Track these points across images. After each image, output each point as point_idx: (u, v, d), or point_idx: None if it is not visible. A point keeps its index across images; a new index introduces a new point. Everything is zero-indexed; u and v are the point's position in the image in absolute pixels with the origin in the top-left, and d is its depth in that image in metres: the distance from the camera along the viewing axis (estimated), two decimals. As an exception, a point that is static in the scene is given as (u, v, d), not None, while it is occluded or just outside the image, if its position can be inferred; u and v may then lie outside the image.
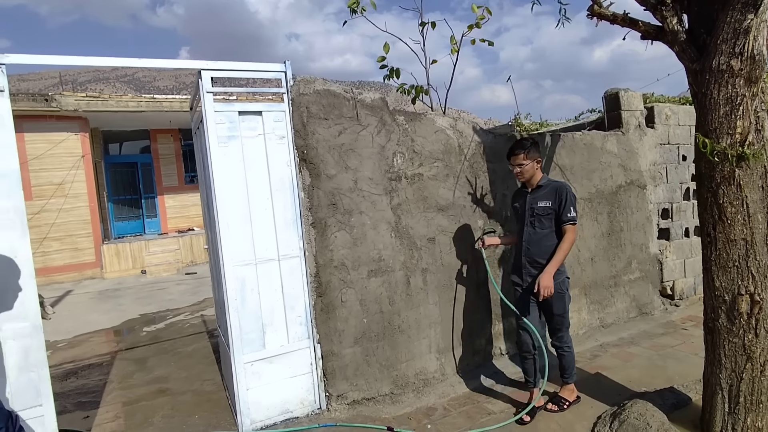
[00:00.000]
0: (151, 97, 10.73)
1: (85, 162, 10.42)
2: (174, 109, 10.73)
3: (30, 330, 2.45)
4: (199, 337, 5.38)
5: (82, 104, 9.92)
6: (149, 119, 11.46)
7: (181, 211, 13.14)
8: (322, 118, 3.13)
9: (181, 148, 13.10)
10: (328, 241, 3.15)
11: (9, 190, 2.40)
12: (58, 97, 9.66)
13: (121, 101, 10.45)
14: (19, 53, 2.45)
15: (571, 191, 2.95)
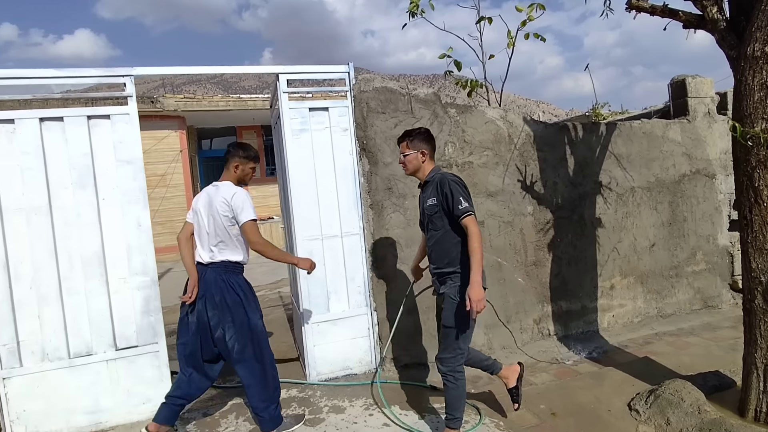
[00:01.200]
0: (238, 96, 11.84)
1: (183, 156, 11.78)
2: (257, 107, 11.75)
3: (149, 283, 3.13)
4: (276, 309, 6.08)
5: (181, 105, 11.25)
6: (236, 117, 12.63)
7: (262, 200, 14.31)
8: (380, 112, 3.53)
9: (263, 143, 14.24)
10: (385, 221, 3.55)
11: (135, 173, 3.09)
12: (161, 99, 11.04)
13: (213, 101, 11.67)
14: (129, 60, 3.13)
15: (453, 180, 2.44)
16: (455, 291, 2.45)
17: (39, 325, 2.93)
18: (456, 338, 2.45)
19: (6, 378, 2.87)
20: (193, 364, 2.74)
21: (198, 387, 2.77)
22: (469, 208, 2.38)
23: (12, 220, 2.88)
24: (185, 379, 2.76)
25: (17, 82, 2.88)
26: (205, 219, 2.73)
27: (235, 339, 2.66)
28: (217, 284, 2.67)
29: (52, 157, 2.94)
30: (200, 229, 2.76)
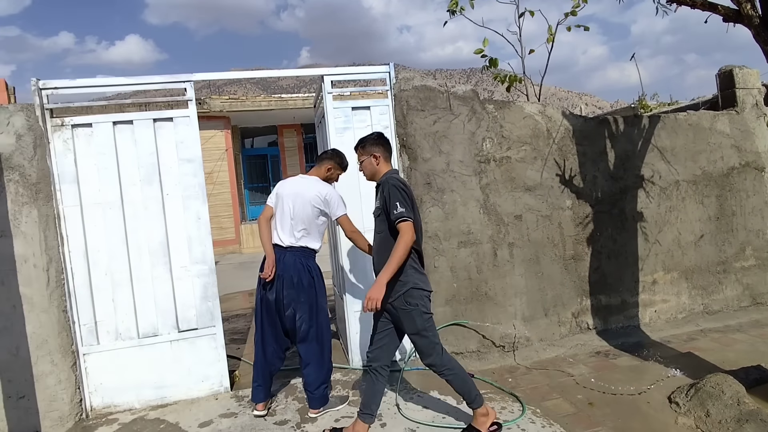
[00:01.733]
0: (279, 96, 12.24)
1: (228, 155, 12.33)
2: (297, 106, 12.12)
3: (208, 271, 3.41)
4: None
5: (226, 105, 11.77)
6: (277, 116, 13.07)
7: (302, 197, 14.74)
8: (419, 109, 3.67)
9: (303, 140, 14.65)
10: (424, 214, 3.69)
11: (195, 171, 3.37)
12: (208, 101, 11.59)
13: (255, 101, 12.13)
14: (175, 63, 3.42)
15: (394, 183, 2.42)
16: (402, 301, 2.46)
17: (113, 308, 3.26)
18: (427, 338, 2.50)
19: (86, 354, 3.22)
20: (274, 336, 3.00)
21: (278, 357, 3.07)
22: (404, 213, 2.34)
23: (90, 213, 3.22)
24: (261, 355, 3.02)
25: (95, 90, 3.21)
26: (291, 206, 2.94)
27: (303, 319, 2.92)
28: (296, 266, 2.91)
29: (123, 156, 3.26)
30: (283, 215, 2.96)
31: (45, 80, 3.12)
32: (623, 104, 15.78)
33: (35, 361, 3.08)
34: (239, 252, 12.42)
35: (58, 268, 3.12)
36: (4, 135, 3.02)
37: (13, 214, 3.03)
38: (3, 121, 3.02)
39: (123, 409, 3.28)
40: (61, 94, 3.17)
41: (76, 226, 3.19)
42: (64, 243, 3.15)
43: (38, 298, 3.08)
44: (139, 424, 3.10)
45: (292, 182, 3.06)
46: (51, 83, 3.14)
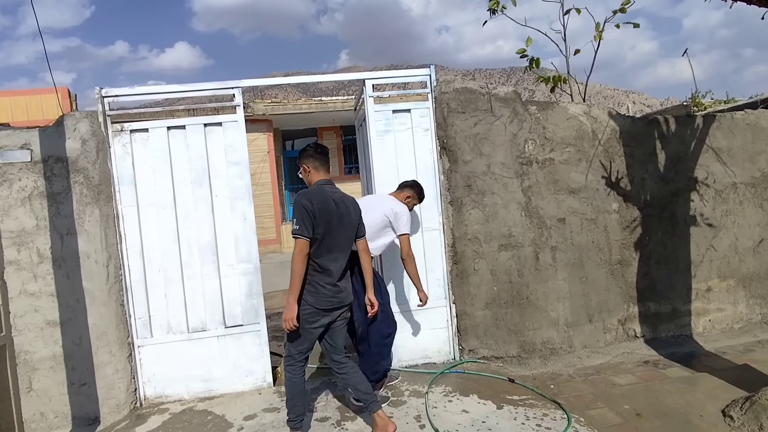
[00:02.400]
0: (319, 99, 12.47)
1: (270, 157, 12.68)
2: (337, 108, 12.30)
3: (252, 270, 3.53)
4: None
5: (268, 109, 12.11)
6: (317, 118, 13.31)
7: (340, 198, 14.93)
8: (460, 111, 3.66)
9: (342, 142, 14.85)
10: (464, 217, 3.68)
11: (242, 173, 3.50)
12: (251, 105, 11.97)
13: (296, 104, 12.41)
14: (221, 69, 3.55)
15: (298, 199, 2.53)
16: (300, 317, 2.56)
17: (165, 303, 3.44)
18: (290, 341, 2.67)
19: (140, 346, 3.41)
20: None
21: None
22: (297, 231, 2.47)
23: (146, 213, 3.41)
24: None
25: (151, 97, 3.40)
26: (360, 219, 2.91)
27: (360, 320, 3.06)
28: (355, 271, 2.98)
29: (176, 159, 3.44)
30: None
31: (107, 88, 3.34)
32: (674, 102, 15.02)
33: (95, 351, 3.29)
34: (280, 251, 12.74)
35: (117, 264, 3.33)
36: (71, 140, 3.25)
37: (78, 214, 3.26)
38: (70, 127, 3.25)
39: (173, 400, 3.45)
40: (119, 101, 3.38)
41: (132, 225, 3.39)
42: (122, 241, 3.36)
43: (99, 292, 3.29)
44: (188, 415, 3.25)
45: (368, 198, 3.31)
46: (112, 91, 3.35)
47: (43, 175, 3.22)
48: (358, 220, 2.77)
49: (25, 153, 3.20)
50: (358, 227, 2.77)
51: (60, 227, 3.24)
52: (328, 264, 2.56)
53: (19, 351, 3.22)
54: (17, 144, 3.20)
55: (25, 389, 3.23)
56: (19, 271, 3.21)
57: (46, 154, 3.22)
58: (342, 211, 2.63)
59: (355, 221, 2.72)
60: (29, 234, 3.22)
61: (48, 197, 3.23)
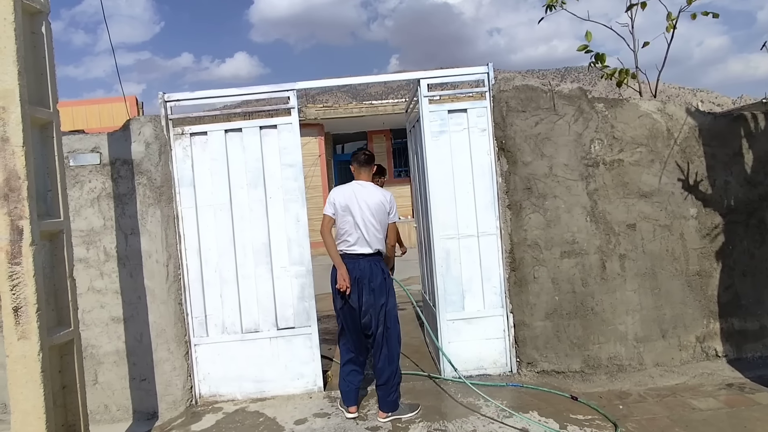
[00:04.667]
0: (369, 103, 12.53)
1: (321, 160, 12.87)
2: (387, 112, 12.29)
3: (305, 272, 3.52)
4: (404, 305, 6.31)
5: (320, 113, 12.30)
6: (367, 122, 13.38)
7: (389, 201, 14.89)
8: (520, 110, 3.47)
9: (392, 146, 14.83)
10: (523, 221, 3.48)
11: (296, 175, 3.50)
12: (304, 109, 12.21)
13: (347, 108, 12.53)
14: (277, 76, 3.55)
15: None
16: None
17: (221, 303, 3.49)
18: None
19: (196, 345, 3.48)
20: (359, 343, 3.11)
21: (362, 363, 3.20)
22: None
23: (203, 214, 3.48)
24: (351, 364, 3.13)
25: (210, 101, 3.48)
26: (366, 213, 3.03)
27: (377, 323, 3.03)
28: (371, 269, 3.03)
29: (232, 162, 3.49)
30: (356, 223, 3.04)
31: (169, 93, 3.45)
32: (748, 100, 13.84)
33: (155, 348, 3.39)
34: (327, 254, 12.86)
35: (176, 264, 3.42)
36: (136, 143, 3.38)
37: (141, 214, 3.37)
38: (135, 131, 3.38)
39: (226, 399, 3.49)
40: (180, 106, 3.48)
41: (191, 226, 3.47)
42: (181, 241, 3.44)
43: (159, 290, 3.39)
44: (241, 415, 3.27)
45: (353, 190, 3.11)
46: (174, 96, 3.46)
47: (111, 177, 3.37)
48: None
49: (95, 156, 3.36)
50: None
51: (125, 227, 3.38)
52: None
53: (86, 345, 3.37)
54: (88, 147, 3.37)
55: (90, 382, 3.37)
56: (88, 268, 3.37)
57: (113, 157, 3.37)
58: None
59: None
60: (97, 233, 3.37)
61: (114, 198, 3.37)
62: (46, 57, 2.55)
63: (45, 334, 2.35)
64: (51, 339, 2.42)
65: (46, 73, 2.55)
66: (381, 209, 3.06)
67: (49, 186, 2.55)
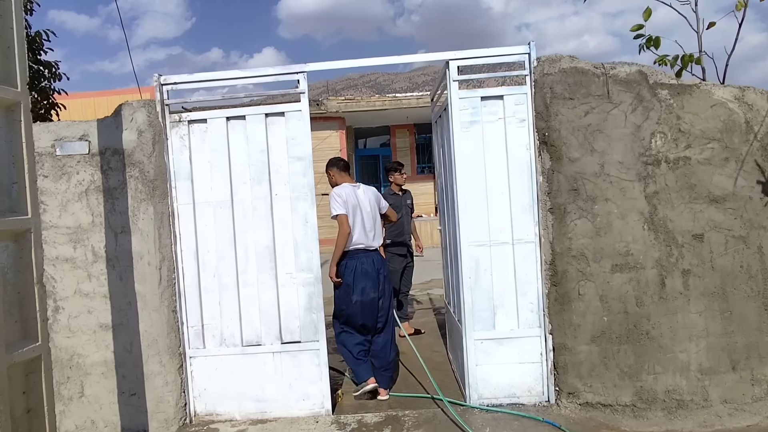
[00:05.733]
0: (393, 96, 12.07)
1: (342, 155, 12.47)
2: (411, 105, 11.81)
3: (313, 280, 3.10)
4: (426, 313, 5.86)
5: (341, 106, 11.91)
6: (390, 116, 12.92)
7: (412, 198, 14.42)
8: (567, 98, 2.95)
9: (415, 141, 14.34)
10: (567, 228, 2.97)
11: (305, 170, 3.08)
12: (325, 102, 11.83)
13: (370, 101, 12.09)
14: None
15: None
16: None
17: (219, 312, 3.12)
18: None
19: (192, 357, 3.12)
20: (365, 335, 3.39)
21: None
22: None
23: (202, 212, 3.11)
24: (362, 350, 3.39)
25: (207, 84, 3.09)
26: (368, 211, 3.41)
27: (385, 307, 3.40)
28: (381, 262, 3.43)
29: (235, 154, 3.10)
30: (364, 220, 3.37)
31: (165, 75, 3.07)
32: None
33: (146, 360, 3.04)
34: (348, 251, 12.50)
35: (170, 267, 3.05)
36: (128, 131, 3.02)
37: (132, 211, 3.02)
38: (127, 117, 3.02)
39: (224, 419, 3.11)
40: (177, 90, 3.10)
41: (188, 224, 3.10)
42: (176, 242, 3.08)
43: (150, 296, 3.03)
44: (238, 440, 2.89)
45: (353, 191, 3.43)
46: (171, 78, 3.08)
47: (100, 169, 3.02)
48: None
49: (83, 145, 3.01)
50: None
51: (114, 225, 3.03)
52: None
53: (72, 354, 3.05)
54: (76, 135, 3.03)
55: (77, 395, 3.06)
56: (75, 269, 3.04)
57: (103, 147, 3.02)
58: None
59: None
60: (85, 231, 3.03)
61: (104, 192, 3.03)
62: (14, 27, 2.19)
63: (3, 351, 2.00)
64: (12, 356, 2.07)
65: (12, 46, 2.18)
66: (375, 206, 3.50)
67: (14, 177, 2.18)
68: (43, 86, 7.02)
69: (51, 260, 3.02)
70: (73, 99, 9.60)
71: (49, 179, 3.02)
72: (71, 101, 8.29)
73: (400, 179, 4.97)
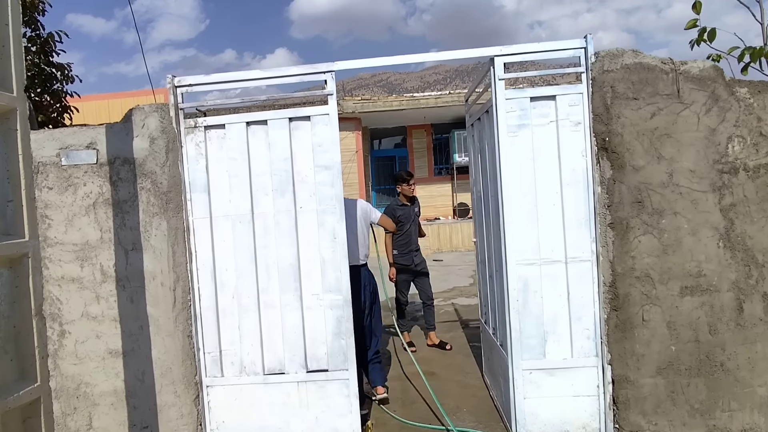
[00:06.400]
0: (411, 95, 11.74)
1: (358, 156, 12.19)
2: (429, 105, 11.47)
3: (342, 302, 2.80)
4: (453, 326, 5.52)
5: (358, 106, 11.61)
6: (407, 116, 12.59)
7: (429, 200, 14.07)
8: (630, 98, 2.60)
9: (432, 141, 13.99)
10: (630, 245, 2.62)
11: (333, 180, 2.78)
12: (341, 102, 11.54)
13: (387, 101, 11.77)
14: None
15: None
16: None
17: (239, 337, 2.83)
18: None
19: (209, 386, 2.84)
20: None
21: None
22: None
23: (219, 227, 2.82)
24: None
25: (225, 86, 2.80)
26: (360, 226, 3.53)
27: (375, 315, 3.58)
28: (371, 277, 3.59)
29: (255, 162, 2.81)
30: (356, 235, 3.46)
31: (180, 77, 2.79)
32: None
33: (159, 390, 2.77)
34: (364, 255, 12.21)
35: (185, 288, 2.77)
36: (139, 138, 2.75)
37: (144, 226, 2.75)
38: (138, 123, 2.75)
39: (245, 455, 2.83)
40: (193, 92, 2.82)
41: (204, 241, 2.82)
42: (191, 260, 2.80)
43: (164, 320, 2.76)
44: (260, 482, 2.60)
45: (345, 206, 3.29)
46: (186, 80, 2.80)
47: (109, 180, 2.75)
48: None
49: (90, 154, 2.75)
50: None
51: (125, 241, 2.76)
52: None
53: (79, 383, 2.79)
54: (83, 143, 2.76)
55: (84, 427, 2.80)
56: (82, 290, 2.77)
57: (112, 155, 2.75)
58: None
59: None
60: (93, 248, 2.77)
61: (113, 205, 2.76)
62: (10, 24, 1.91)
63: (-5, 397, 1.73)
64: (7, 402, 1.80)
65: (8, 45, 1.91)
66: (364, 218, 3.58)
67: (10, 195, 1.91)
68: (56, 89, 6.85)
69: (56, 280, 2.76)
70: (87, 101, 9.45)
71: (54, 191, 2.76)
72: (84, 104, 8.11)
73: (408, 191, 4.70)
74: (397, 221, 4.45)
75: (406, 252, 4.67)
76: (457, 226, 11.95)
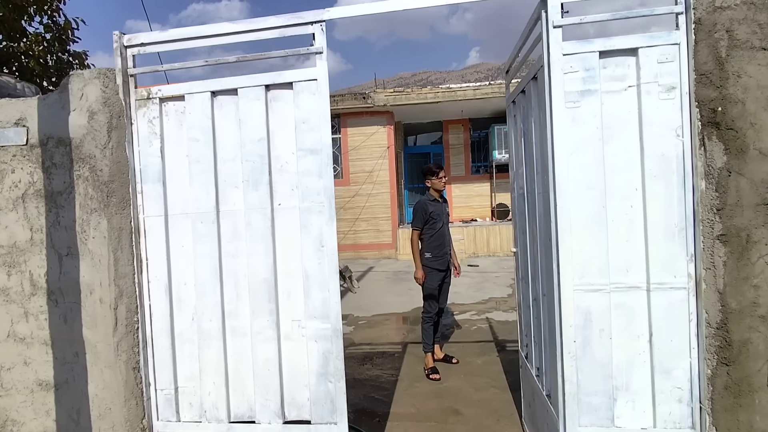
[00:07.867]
0: (447, 87, 10.90)
1: (389, 152, 11.46)
2: (467, 97, 10.62)
3: (331, 333, 2.08)
4: (487, 348, 4.70)
5: (390, 99, 10.89)
6: (443, 110, 11.75)
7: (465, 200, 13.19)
8: (758, 47, 1.74)
9: (470, 138, 13.08)
10: (752, 269, 1.76)
11: (320, 168, 2.08)
12: (372, 95, 10.87)
13: (421, 94, 10.99)
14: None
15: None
16: None
17: (198, 371, 2.18)
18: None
19: (161, 433, 2.20)
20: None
21: None
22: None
23: (177, 228, 2.18)
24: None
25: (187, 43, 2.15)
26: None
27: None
28: None
29: (222, 144, 2.15)
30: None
31: (130, 35, 2.17)
32: None
33: (97, 436, 2.15)
34: (395, 258, 11.47)
35: (130, 306, 2.15)
36: (76, 113, 2.14)
37: (80, 225, 2.14)
38: (76, 93, 2.15)
39: None
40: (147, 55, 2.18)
41: (157, 245, 2.18)
42: (141, 270, 2.17)
43: (103, 346, 2.14)
44: None
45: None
46: (138, 37, 2.17)
47: (41, 166, 2.17)
48: None
49: (19, 132, 2.17)
50: None
51: (59, 244, 2.16)
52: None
53: (5, 419, 2.23)
54: (11, 120, 2.19)
55: (9, 475, 2.23)
56: (8, 303, 2.21)
57: (44, 135, 2.17)
58: None
59: None
60: (22, 251, 2.19)
61: (46, 198, 2.17)
62: None
63: None
64: None
65: None
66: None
67: None
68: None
69: (-22, 290, 2.21)
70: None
71: (-24, 180, 2.20)
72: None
73: (439, 184, 4.10)
74: (429, 218, 3.89)
75: (440, 255, 4.03)
76: (495, 229, 11.05)
